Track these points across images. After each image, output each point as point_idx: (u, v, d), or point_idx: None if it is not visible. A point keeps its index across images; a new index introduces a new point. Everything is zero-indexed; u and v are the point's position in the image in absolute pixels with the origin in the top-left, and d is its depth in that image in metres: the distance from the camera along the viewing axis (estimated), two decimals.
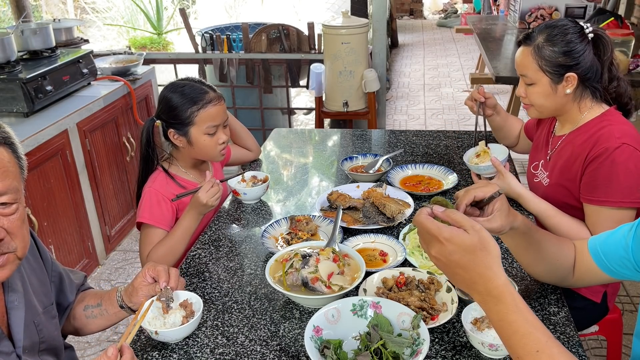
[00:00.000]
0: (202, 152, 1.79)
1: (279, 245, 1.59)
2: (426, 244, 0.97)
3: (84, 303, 1.37)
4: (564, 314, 1.29)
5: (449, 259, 0.92)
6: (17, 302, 1.12)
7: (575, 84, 1.59)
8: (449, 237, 0.92)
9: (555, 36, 1.58)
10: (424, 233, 0.96)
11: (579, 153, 1.60)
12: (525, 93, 1.69)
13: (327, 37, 3.49)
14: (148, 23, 7.76)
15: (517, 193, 1.68)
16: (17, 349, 1.10)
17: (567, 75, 1.59)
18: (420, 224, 0.96)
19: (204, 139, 1.75)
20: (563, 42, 1.57)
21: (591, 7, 4.24)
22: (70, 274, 1.37)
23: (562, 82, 1.60)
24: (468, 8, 9.56)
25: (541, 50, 1.60)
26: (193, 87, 1.74)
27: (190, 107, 1.72)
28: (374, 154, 2.14)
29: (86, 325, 1.37)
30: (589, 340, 2.46)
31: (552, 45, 1.58)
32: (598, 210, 1.54)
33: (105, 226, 3.13)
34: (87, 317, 1.36)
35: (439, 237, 0.92)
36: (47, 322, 1.21)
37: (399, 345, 1.13)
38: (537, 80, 1.63)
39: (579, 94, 1.63)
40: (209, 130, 1.74)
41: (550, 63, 1.59)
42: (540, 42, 1.60)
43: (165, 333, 1.21)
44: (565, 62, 1.58)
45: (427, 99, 5.94)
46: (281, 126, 4.26)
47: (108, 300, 1.34)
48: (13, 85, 2.63)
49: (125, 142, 3.28)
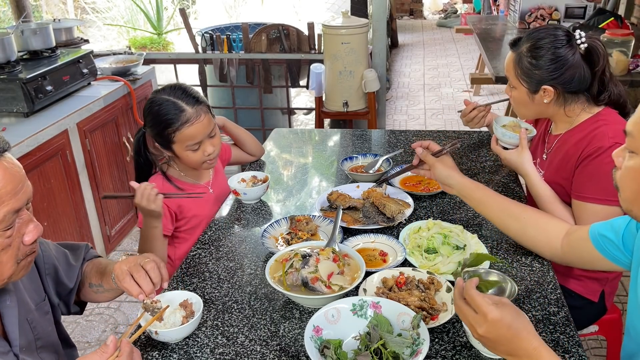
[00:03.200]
0: (188, 163, 1.79)
1: (279, 245, 1.59)
2: (472, 323, 1.04)
3: (88, 280, 1.37)
4: (563, 314, 1.29)
5: (496, 335, 1.01)
6: (9, 301, 1.12)
7: (552, 96, 1.60)
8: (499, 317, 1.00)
9: (537, 49, 1.58)
10: (468, 310, 1.04)
11: (573, 152, 1.61)
12: (510, 94, 1.73)
13: (327, 37, 3.49)
14: (148, 23, 7.76)
15: (526, 170, 1.68)
16: (14, 348, 1.10)
17: (543, 87, 1.60)
18: (472, 298, 1.03)
19: (187, 155, 1.73)
20: (544, 58, 1.57)
21: (591, 7, 4.24)
22: (70, 254, 1.37)
23: (539, 93, 1.62)
24: (468, 8, 9.56)
25: (521, 61, 1.62)
26: (168, 107, 1.67)
27: (167, 129, 1.68)
28: (373, 154, 2.14)
29: (96, 298, 1.39)
30: (589, 340, 2.46)
31: (531, 58, 1.59)
32: (584, 206, 1.54)
33: (105, 226, 3.13)
34: (95, 292, 1.37)
35: (487, 316, 1.00)
36: (40, 318, 1.21)
37: (399, 345, 1.13)
38: (516, 85, 1.67)
39: (562, 102, 1.63)
40: (191, 147, 1.71)
41: (526, 75, 1.61)
42: (523, 51, 1.61)
43: (165, 333, 1.21)
44: (540, 76, 1.58)
45: (427, 99, 5.94)
46: (281, 126, 4.26)
47: (107, 282, 1.33)
48: (13, 85, 2.63)
49: (125, 142, 3.28)
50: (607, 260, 1.28)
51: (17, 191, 0.98)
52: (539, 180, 1.66)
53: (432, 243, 1.52)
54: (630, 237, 1.22)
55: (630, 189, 0.99)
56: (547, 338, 1.22)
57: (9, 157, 0.99)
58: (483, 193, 1.52)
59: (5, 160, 0.98)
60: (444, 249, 1.50)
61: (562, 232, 1.41)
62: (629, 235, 1.22)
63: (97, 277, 1.36)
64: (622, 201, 1.02)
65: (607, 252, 1.28)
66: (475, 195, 1.53)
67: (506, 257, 1.51)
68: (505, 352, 1.02)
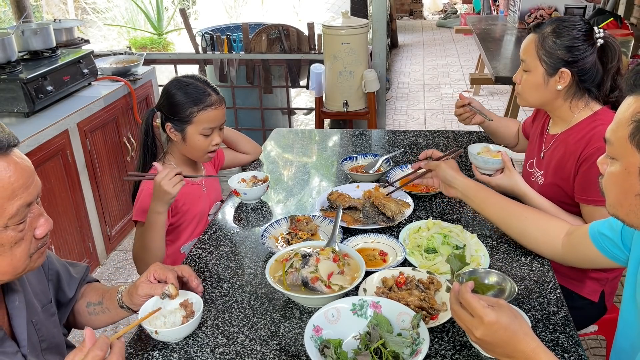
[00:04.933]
0: (192, 150, 1.81)
1: (279, 245, 1.60)
2: (469, 327, 1.04)
3: (86, 299, 1.37)
4: (563, 314, 1.29)
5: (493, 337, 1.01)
6: (17, 301, 1.12)
7: (567, 81, 1.61)
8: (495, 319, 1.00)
9: (562, 29, 1.60)
10: (465, 314, 1.04)
11: (571, 152, 1.61)
12: (520, 80, 1.72)
13: (327, 38, 3.49)
14: (148, 23, 7.76)
15: (522, 191, 1.69)
16: (22, 348, 1.10)
17: (561, 70, 1.60)
18: (468, 302, 1.03)
19: (198, 139, 1.77)
20: (567, 37, 1.59)
21: (591, 7, 4.24)
22: (70, 267, 1.37)
23: (555, 77, 1.61)
24: (468, 8, 9.57)
25: (545, 40, 1.62)
26: (197, 88, 1.75)
27: (191, 107, 1.73)
28: (373, 154, 2.15)
29: (89, 322, 1.37)
30: (589, 339, 2.47)
31: (556, 37, 1.60)
32: (594, 210, 1.54)
33: (105, 226, 3.13)
34: (90, 313, 1.36)
35: (484, 319, 1.00)
36: (45, 320, 1.21)
37: (399, 344, 1.13)
38: (532, 68, 1.66)
39: (571, 94, 1.64)
40: (205, 131, 1.76)
41: (549, 54, 1.61)
42: (547, 32, 1.62)
43: (165, 333, 1.21)
44: (563, 57, 1.59)
45: (427, 99, 5.94)
46: (281, 126, 4.27)
47: (109, 298, 1.34)
48: (14, 86, 2.63)
49: (125, 142, 3.28)
50: (607, 258, 1.30)
51: (28, 185, 0.99)
52: (537, 196, 1.66)
53: (432, 243, 1.52)
54: (629, 235, 1.23)
55: (613, 194, 1.02)
56: (546, 338, 1.22)
57: (17, 152, 1.00)
58: (485, 194, 1.55)
59: (15, 155, 0.99)
60: (444, 249, 1.50)
61: (562, 232, 1.42)
62: (627, 232, 1.23)
63: (97, 296, 1.36)
64: (608, 206, 1.05)
65: (606, 251, 1.29)
66: (478, 195, 1.55)
67: (506, 257, 1.52)
68: (503, 354, 1.02)
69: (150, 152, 1.84)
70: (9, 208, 0.96)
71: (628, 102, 0.96)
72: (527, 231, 1.47)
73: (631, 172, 0.95)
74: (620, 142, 0.95)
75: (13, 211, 0.97)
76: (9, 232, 0.98)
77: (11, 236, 0.98)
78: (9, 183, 0.96)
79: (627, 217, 1.00)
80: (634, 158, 0.94)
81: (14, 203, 0.97)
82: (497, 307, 1.02)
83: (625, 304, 1.19)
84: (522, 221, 1.47)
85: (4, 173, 0.95)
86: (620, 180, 0.98)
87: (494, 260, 1.50)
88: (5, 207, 0.96)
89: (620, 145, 0.95)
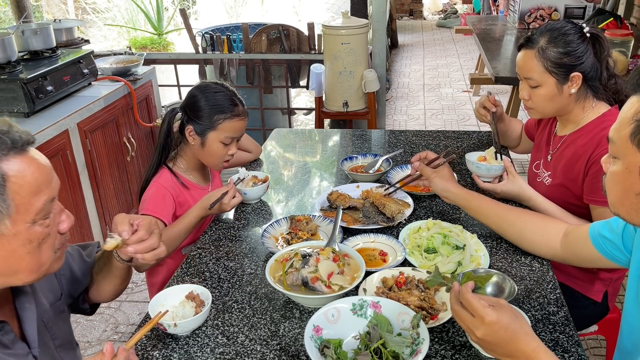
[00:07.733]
0: (208, 156, 1.82)
1: (279, 245, 1.60)
2: (470, 327, 1.04)
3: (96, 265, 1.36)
4: (563, 314, 1.29)
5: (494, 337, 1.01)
6: (27, 303, 1.12)
7: (579, 83, 1.61)
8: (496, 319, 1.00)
9: (557, 37, 1.60)
10: (465, 314, 1.04)
11: (581, 154, 1.61)
12: (529, 96, 1.69)
13: (327, 38, 3.49)
14: (148, 23, 7.77)
15: (528, 196, 1.69)
16: (33, 350, 1.11)
17: (572, 75, 1.60)
18: (468, 302, 1.03)
19: (217, 146, 1.79)
20: (565, 43, 1.59)
21: (590, 7, 4.25)
22: (83, 251, 1.37)
23: (568, 82, 1.61)
24: (467, 8, 9.57)
25: (545, 52, 1.61)
26: (226, 96, 1.78)
27: (218, 114, 1.76)
28: (373, 154, 2.15)
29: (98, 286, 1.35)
30: (589, 339, 2.47)
31: (555, 47, 1.60)
32: (604, 211, 1.54)
33: (106, 226, 3.13)
34: (96, 273, 1.34)
35: (485, 319, 1.00)
36: (55, 317, 1.22)
37: (399, 344, 1.13)
38: (543, 82, 1.64)
39: (582, 94, 1.64)
40: (226, 140, 1.79)
41: (556, 64, 1.60)
42: (543, 44, 1.61)
43: (183, 324, 1.23)
44: (569, 62, 1.60)
45: (427, 99, 5.95)
46: (281, 126, 4.27)
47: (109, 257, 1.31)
48: (14, 86, 2.63)
49: (125, 142, 3.28)
50: (607, 260, 1.30)
51: (49, 180, 1.01)
52: (543, 200, 1.66)
53: (431, 243, 1.52)
54: (630, 236, 1.23)
55: (615, 193, 1.02)
56: (546, 338, 1.22)
57: (34, 149, 1.02)
58: (478, 202, 1.56)
59: (33, 152, 1.00)
60: (444, 249, 1.50)
61: (561, 233, 1.42)
62: (628, 234, 1.23)
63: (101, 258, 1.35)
64: (610, 205, 1.05)
65: (606, 252, 1.29)
66: (470, 205, 1.58)
67: (506, 256, 1.52)
68: (503, 354, 1.02)
69: (167, 152, 1.84)
70: (36, 203, 0.97)
71: (631, 102, 0.96)
72: (525, 234, 1.48)
73: (632, 171, 0.95)
74: (622, 141, 0.96)
75: (40, 206, 0.98)
76: (37, 228, 0.99)
77: (39, 232, 1.00)
78: (33, 179, 0.97)
79: (628, 215, 1.01)
80: (635, 157, 0.94)
81: (40, 198, 0.98)
82: (497, 307, 1.02)
83: (628, 306, 1.18)
84: (517, 227, 1.48)
85: (27, 170, 0.96)
86: (621, 179, 0.98)
87: (494, 260, 1.50)
88: (32, 202, 0.97)
89: (622, 144, 0.96)
